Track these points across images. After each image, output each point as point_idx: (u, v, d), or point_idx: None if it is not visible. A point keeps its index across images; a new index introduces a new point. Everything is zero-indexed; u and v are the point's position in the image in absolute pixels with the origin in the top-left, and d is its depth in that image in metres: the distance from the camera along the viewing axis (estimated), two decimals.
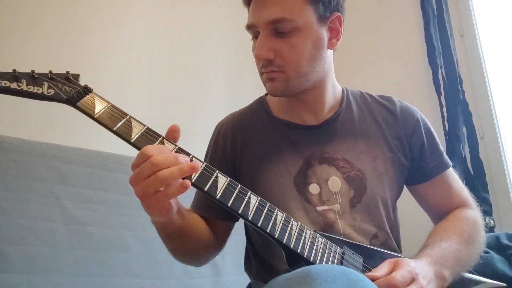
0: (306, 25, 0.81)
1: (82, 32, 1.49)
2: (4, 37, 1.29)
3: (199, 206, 0.92)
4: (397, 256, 0.79)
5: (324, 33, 0.84)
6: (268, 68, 0.83)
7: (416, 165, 0.94)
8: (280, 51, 0.81)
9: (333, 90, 0.94)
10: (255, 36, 0.85)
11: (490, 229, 1.77)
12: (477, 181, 1.86)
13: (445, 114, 1.99)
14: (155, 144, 0.67)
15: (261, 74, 0.86)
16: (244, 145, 0.94)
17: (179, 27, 1.85)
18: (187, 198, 0.77)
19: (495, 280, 0.89)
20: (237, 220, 0.94)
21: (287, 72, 0.83)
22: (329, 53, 0.89)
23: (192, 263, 0.93)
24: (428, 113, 2.02)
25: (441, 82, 2.03)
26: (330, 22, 0.85)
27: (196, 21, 1.92)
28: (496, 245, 1.40)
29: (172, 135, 0.69)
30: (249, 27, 0.85)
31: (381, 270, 0.70)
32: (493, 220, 1.80)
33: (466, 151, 1.93)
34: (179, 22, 1.85)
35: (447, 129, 1.97)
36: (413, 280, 0.68)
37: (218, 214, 0.91)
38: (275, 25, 0.80)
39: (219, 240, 0.93)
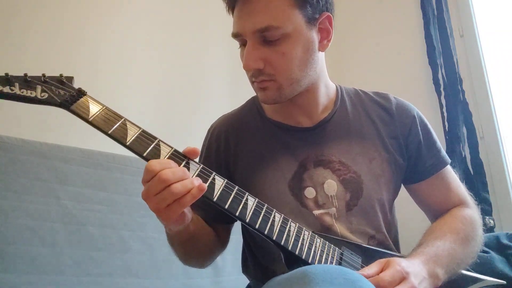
0: (295, 31, 0.77)
1: (79, 34, 1.49)
2: None
3: (197, 208, 0.91)
4: (395, 256, 0.78)
5: (314, 36, 0.81)
6: (259, 77, 0.80)
7: (413, 164, 0.92)
8: (269, 59, 0.78)
9: (326, 90, 0.92)
10: (243, 44, 0.82)
11: (490, 229, 1.77)
12: (477, 181, 1.87)
13: (445, 114, 1.99)
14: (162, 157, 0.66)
15: (252, 83, 0.84)
16: (238, 149, 0.92)
17: (178, 27, 1.84)
18: None
19: None
20: (236, 221, 0.94)
21: (278, 80, 0.80)
22: (321, 55, 0.86)
23: (199, 265, 0.93)
24: (428, 113, 2.02)
25: (441, 82, 2.03)
26: (319, 23, 0.82)
27: (195, 21, 1.92)
28: (496, 245, 1.40)
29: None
30: (236, 36, 0.81)
31: (370, 269, 0.70)
32: (493, 220, 1.80)
33: (466, 151, 1.93)
34: (178, 23, 1.85)
35: (447, 129, 1.97)
36: (403, 279, 0.67)
37: (216, 216, 0.90)
38: (262, 34, 0.77)
39: (222, 241, 0.93)
